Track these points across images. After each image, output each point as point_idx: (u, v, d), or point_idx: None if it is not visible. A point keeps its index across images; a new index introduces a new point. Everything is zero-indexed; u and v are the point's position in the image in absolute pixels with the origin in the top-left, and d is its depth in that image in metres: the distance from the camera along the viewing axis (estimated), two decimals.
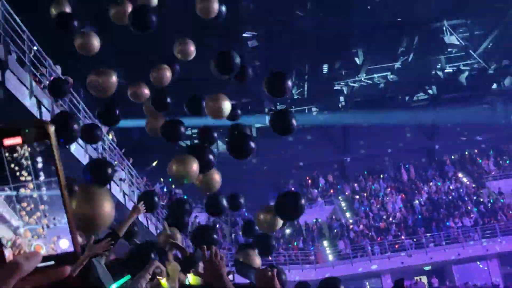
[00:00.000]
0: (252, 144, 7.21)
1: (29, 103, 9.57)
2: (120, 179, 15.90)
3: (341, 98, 27.36)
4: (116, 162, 15.14)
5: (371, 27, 22.06)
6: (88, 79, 7.53)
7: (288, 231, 26.57)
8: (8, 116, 8.32)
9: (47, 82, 10.16)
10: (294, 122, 7.02)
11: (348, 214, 27.65)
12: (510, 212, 25.70)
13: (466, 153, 29.74)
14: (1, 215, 0.64)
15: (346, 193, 29.61)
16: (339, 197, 28.63)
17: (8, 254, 0.64)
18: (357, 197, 28.81)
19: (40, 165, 0.63)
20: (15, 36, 9.48)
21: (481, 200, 26.89)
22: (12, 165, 0.63)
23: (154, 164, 23.76)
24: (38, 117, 9.91)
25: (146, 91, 8.35)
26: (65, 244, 0.67)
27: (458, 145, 30.03)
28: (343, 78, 25.80)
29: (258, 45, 21.53)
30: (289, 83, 6.92)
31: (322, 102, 26.79)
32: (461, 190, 27.42)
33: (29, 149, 0.63)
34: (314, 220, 26.57)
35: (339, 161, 31.07)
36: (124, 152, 17.48)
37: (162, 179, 24.99)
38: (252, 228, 8.11)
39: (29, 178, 0.63)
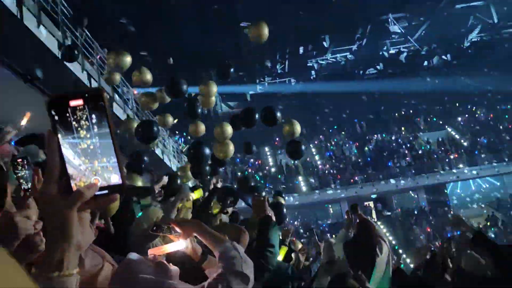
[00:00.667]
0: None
1: (82, 76, 9.76)
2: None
3: (313, 72, 27.26)
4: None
5: (335, 19, 21.87)
6: None
7: (273, 169, 27.77)
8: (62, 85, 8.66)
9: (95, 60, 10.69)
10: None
11: (317, 157, 28.45)
12: (434, 155, 27.56)
13: (403, 112, 30.26)
14: (68, 158, 0.75)
15: (316, 142, 29.72)
16: (311, 145, 29.19)
17: (73, 185, 0.76)
18: (324, 145, 30.13)
19: (95, 120, 0.72)
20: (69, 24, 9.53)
21: (414, 147, 28.70)
22: (76, 120, 0.73)
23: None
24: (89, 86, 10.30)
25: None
26: (115, 179, 0.77)
27: (398, 107, 30.36)
28: (314, 57, 25.93)
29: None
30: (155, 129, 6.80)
31: (299, 75, 26.93)
32: (400, 140, 28.61)
33: (88, 108, 0.73)
34: (292, 162, 26.86)
35: (311, 119, 30.46)
36: None
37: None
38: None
39: (87, 129, 0.73)
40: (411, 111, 30.64)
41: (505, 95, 28.95)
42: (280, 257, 4.15)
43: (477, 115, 29.96)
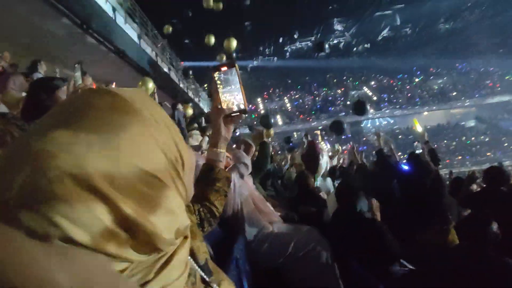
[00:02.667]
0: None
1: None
2: None
3: (287, 54, 27.09)
4: None
5: (302, 20, 21.98)
6: None
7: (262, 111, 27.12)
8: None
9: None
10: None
11: (288, 105, 28.87)
12: None
13: (341, 78, 30.70)
14: (220, 94, 0.79)
15: (288, 95, 30.22)
16: (285, 97, 29.85)
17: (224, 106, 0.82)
18: (293, 98, 30.22)
19: (232, 76, 0.79)
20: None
21: (347, 99, 28.84)
22: (224, 76, 0.80)
23: None
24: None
25: None
26: (242, 106, 0.81)
27: (338, 76, 30.48)
28: (288, 44, 26.03)
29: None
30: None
31: (278, 55, 26.86)
32: (337, 95, 29.45)
33: (229, 69, 0.79)
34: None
35: (285, 82, 30.89)
36: None
37: None
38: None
39: (228, 80, 0.80)
40: (344, 78, 31.16)
41: (401, 70, 30.17)
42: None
43: (383, 82, 30.90)
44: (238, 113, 0.86)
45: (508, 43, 26.13)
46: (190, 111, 6.54)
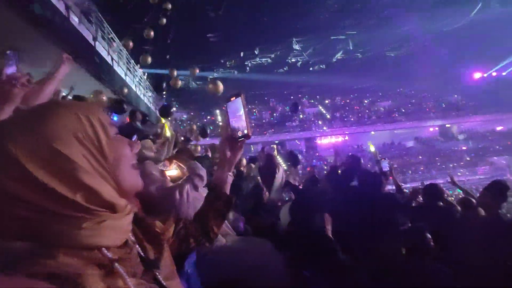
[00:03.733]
0: None
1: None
2: None
3: (247, 68, 26.94)
4: None
5: (264, 37, 22.43)
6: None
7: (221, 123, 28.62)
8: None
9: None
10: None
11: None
12: (311, 122, 29.38)
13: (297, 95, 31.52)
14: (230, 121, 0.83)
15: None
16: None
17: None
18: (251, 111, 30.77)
19: (238, 105, 0.84)
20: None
21: (299, 115, 29.47)
22: (233, 105, 0.86)
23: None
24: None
25: None
26: (245, 131, 0.86)
27: (294, 92, 31.46)
28: (249, 59, 25.96)
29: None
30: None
31: (239, 69, 26.80)
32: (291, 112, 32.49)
33: (236, 99, 0.86)
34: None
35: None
36: None
37: None
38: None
39: (235, 110, 0.87)
40: (299, 96, 32.00)
41: (353, 91, 32.47)
42: None
43: (336, 101, 32.74)
44: (243, 138, 0.95)
45: (443, 74, 29.21)
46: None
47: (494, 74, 29.74)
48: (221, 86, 6.31)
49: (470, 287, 2.31)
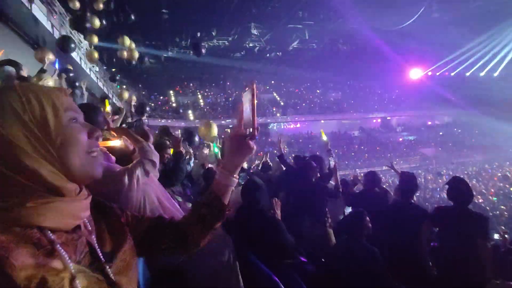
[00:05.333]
0: None
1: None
2: None
3: (203, 50, 26.41)
4: None
5: (221, 19, 21.73)
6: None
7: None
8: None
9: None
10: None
11: (201, 101, 28.70)
12: (266, 108, 30.15)
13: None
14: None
15: (200, 92, 29.96)
16: (198, 92, 29.55)
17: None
18: (205, 93, 30.32)
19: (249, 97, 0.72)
20: None
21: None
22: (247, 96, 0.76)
23: None
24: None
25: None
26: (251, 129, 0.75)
27: (251, 77, 33.23)
28: (206, 40, 25.02)
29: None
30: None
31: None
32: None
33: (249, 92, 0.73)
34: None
35: (199, 77, 30.75)
36: None
37: None
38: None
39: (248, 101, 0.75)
40: (255, 81, 32.96)
41: (306, 80, 33.17)
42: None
43: (290, 89, 32.69)
44: (249, 137, 0.82)
45: (387, 71, 31.20)
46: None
47: (430, 73, 32.61)
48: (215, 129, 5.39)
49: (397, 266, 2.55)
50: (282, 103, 30.74)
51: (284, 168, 4.21)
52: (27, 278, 0.50)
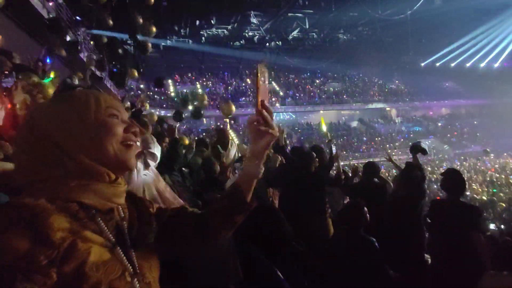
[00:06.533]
0: None
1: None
2: None
3: (203, 38, 25.56)
4: None
5: (221, 7, 21.35)
6: None
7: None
8: None
9: None
10: None
11: (200, 90, 26.62)
12: None
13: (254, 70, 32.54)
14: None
15: (200, 81, 30.14)
16: (197, 82, 29.85)
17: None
18: (205, 83, 30.32)
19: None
20: None
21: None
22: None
23: None
24: None
25: None
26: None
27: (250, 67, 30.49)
28: (205, 28, 25.03)
29: None
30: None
31: (194, 38, 25.31)
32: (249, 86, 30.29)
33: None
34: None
35: (198, 67, 30.54)
36: None
37: None
38: None
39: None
40: (255, 71, 32.55)
41: (306, 70, 33.26)
42: None
43: (289, 79, 33.01)
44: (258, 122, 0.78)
45: (388, 61, 31.08)
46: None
47: (430, 64, 32.44)
48: (232, 107, 5.93)
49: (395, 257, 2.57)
50: (281, 93, 31.02)
51: (284, 161, 4.17)
52: (61, 238, 0.59)
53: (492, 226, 5.75)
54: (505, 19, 25.89)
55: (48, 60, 4.89)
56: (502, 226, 4.67)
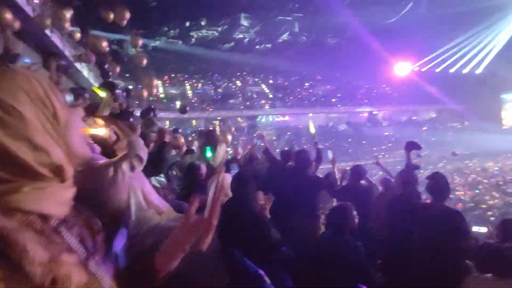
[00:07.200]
0: None
1: None
2: None
3: (193, 39, 25.56)
4: None
5: (211, 9, 21.34)
6: None
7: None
8: None
9: None
10: None
11: (189, 92, 28.13)
12: (254, 100, 30.50)
13: (244, 72, 30.94)
14: None
15: (190, 83, 29.41)
16: (186, 84, 29.48)
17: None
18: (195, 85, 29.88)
19: None
20: None
21: (245, 94, 29.94)
22: None
23: None
24: None
25: None
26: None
27: (240, 69, 30.04)
28: (195, 30, 24.81)
29: None
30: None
31: (183, 39, 25.11)
32: (237, 88, 30.40)
33: None
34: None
35: (187, 68, 29.98)
36: None
37: None
38: None
39: None
40: (244, 73, 31.71)
41: (295, 73, 32.54)
42: None
43: (278, 82, 33.02)
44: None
45: (375, 65, 31.48)
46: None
47: (416, 69, 33.16)
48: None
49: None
50: (270, 96, 31.06)
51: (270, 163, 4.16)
52: (43, 275, 0.48)
53: (475, 229, 5.89)
54: (487, 27, 26.74)
55: None
56: (485, 228, 4.77)
